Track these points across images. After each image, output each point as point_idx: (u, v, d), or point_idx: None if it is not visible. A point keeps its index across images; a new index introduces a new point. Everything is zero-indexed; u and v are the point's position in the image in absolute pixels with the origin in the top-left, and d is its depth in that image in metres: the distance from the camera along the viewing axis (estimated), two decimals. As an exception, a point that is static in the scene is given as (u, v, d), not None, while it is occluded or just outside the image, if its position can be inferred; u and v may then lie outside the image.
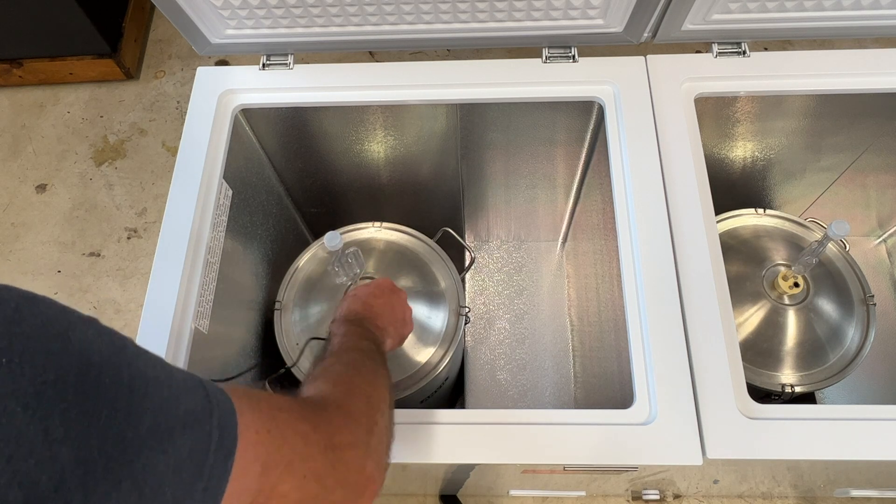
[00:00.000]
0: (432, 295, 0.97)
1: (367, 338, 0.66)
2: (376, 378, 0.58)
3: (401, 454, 0.68)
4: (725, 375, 0.70)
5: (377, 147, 1.04)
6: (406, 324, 0.77)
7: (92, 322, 0.30)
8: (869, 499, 1.14)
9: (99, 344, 0.29)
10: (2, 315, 0.27)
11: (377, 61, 1.13)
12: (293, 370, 0.88)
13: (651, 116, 0.85)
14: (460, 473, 0.98)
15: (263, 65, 0.93)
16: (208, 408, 0.34)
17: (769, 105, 0.92)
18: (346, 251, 0.84)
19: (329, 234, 0.79)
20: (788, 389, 0.90)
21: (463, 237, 1.27)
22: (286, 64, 0.93)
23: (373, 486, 0.47)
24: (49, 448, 0.25)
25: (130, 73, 1.71)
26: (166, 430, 0.30)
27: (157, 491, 0.29)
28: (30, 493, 0.24)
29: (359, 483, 0.45)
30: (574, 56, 0.90)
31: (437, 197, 1.19)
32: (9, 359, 0.26)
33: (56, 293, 1.48)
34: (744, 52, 0.89)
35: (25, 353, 0.26)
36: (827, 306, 0.95)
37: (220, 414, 0.34)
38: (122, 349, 0.31)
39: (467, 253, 1.22)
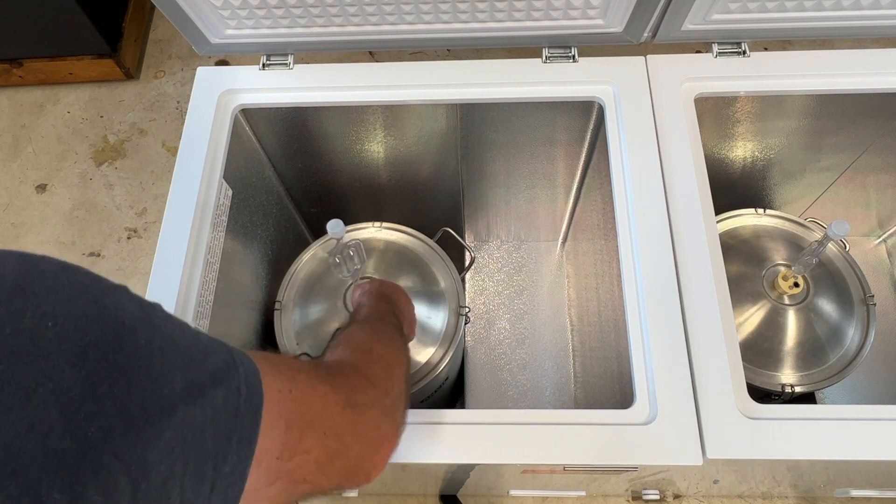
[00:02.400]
0: (432, 295, 0.97)
1: (392, 313, 0.72)
2: (395, 347, 0.62)
3: (401, 454, 0.67)
4: (725, 375, 0.70)
5: (377, 147, 1.04)
6: (415, 325, 0.81)
7: (122, 289, 0.33)
8: (869, 499, 1.14)
9: (131, 308, 0.32)
10: (44, 283, 0.29)
11: (377, 61, 1.13)
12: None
13: (651, 116, 0.85)
14: (460, 473, 0.98)
15: (263, 65, 0.93)
16: (234, 366, 0.36)
17: (769, 105, 0.92)
18: (349, 243, 0.84)
19: (332, 222, 0.79)
20: (788, 389, 0.90)
21: (463, 237, 1.27)
22: (286, 64, 0.93)
23: (388, 444, 0.50)
24: (96, 403, 0.27)
25: (130, 73, 1.71)
26: (198, 387, 0.32)
27: (199, 439, 0.31)
28: (80, 443, 0.26)
29: (375, 439, 0.49)
30: (574, 56, 0.90)
31: (437, 197, 1.19)
32: (54, 322, 0.28)
33: (56, 293, 1.48)
34: (744, 52, 0.89)
35: (69, 317, 0.28)
36: (827, 306, 0.95)
37: (246, 373, 0.36)
38: (151, 313, 0.33)
39: (467, 253, 1.22)
